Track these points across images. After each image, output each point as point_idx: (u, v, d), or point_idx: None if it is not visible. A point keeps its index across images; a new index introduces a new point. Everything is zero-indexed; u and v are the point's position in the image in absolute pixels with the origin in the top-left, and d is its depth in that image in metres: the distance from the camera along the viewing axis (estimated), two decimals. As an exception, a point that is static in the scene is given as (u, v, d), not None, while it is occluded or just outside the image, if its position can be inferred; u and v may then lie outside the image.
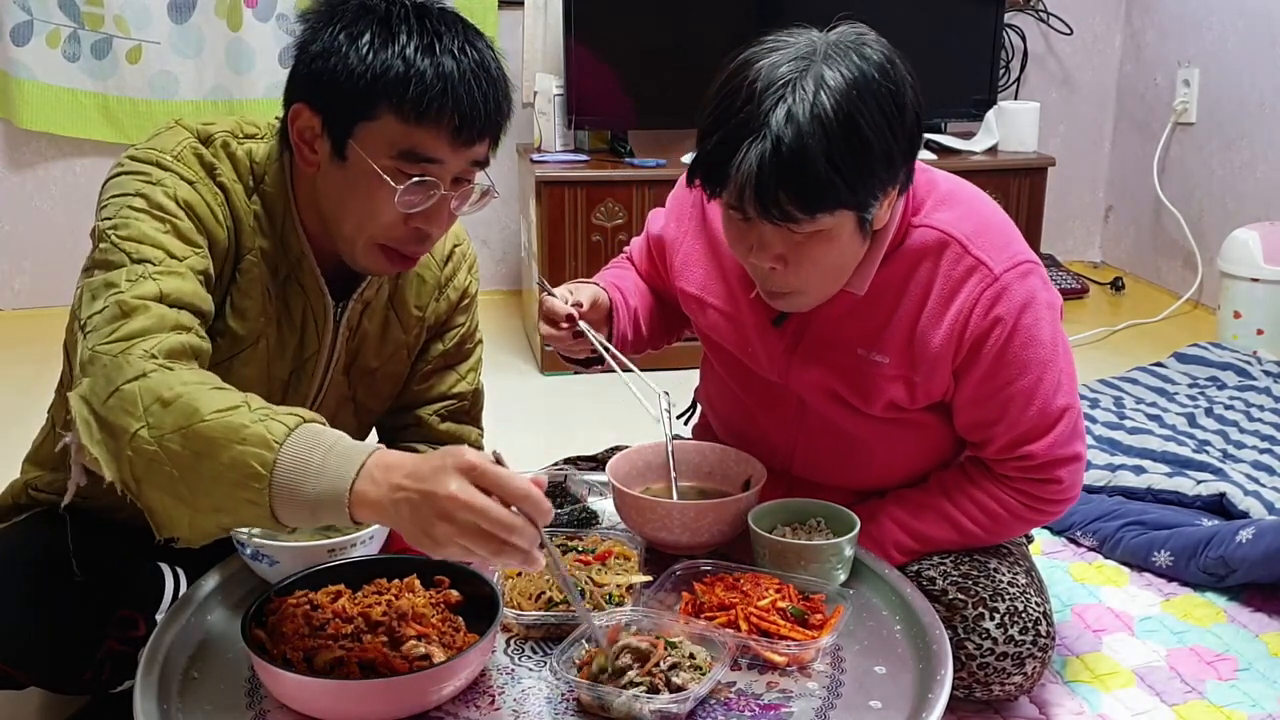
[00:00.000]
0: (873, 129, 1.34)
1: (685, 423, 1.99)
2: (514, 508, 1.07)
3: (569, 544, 1.49)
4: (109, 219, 1.32)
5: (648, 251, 1.78)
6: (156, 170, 1.35)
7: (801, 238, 1.39)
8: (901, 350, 1.54)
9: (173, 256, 1.30)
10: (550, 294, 1.56)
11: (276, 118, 1.45)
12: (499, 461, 1.10)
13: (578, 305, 1.56)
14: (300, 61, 1.36)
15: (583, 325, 1.55)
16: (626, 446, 1.68)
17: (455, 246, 1.66)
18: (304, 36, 1.36)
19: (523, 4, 3.66)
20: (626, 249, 1.86)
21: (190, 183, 1.36)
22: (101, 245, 1.31)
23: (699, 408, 1.94)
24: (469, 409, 1.73)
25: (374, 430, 1.76)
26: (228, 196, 1.39)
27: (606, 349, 1.56)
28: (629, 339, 1.68)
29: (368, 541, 1.40)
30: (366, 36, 1.32)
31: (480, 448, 1.76)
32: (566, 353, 1.64)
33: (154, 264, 1.28)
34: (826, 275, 1.46)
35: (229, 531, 1.19)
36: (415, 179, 1.34)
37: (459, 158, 1.36)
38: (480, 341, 1.75)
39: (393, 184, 1.34)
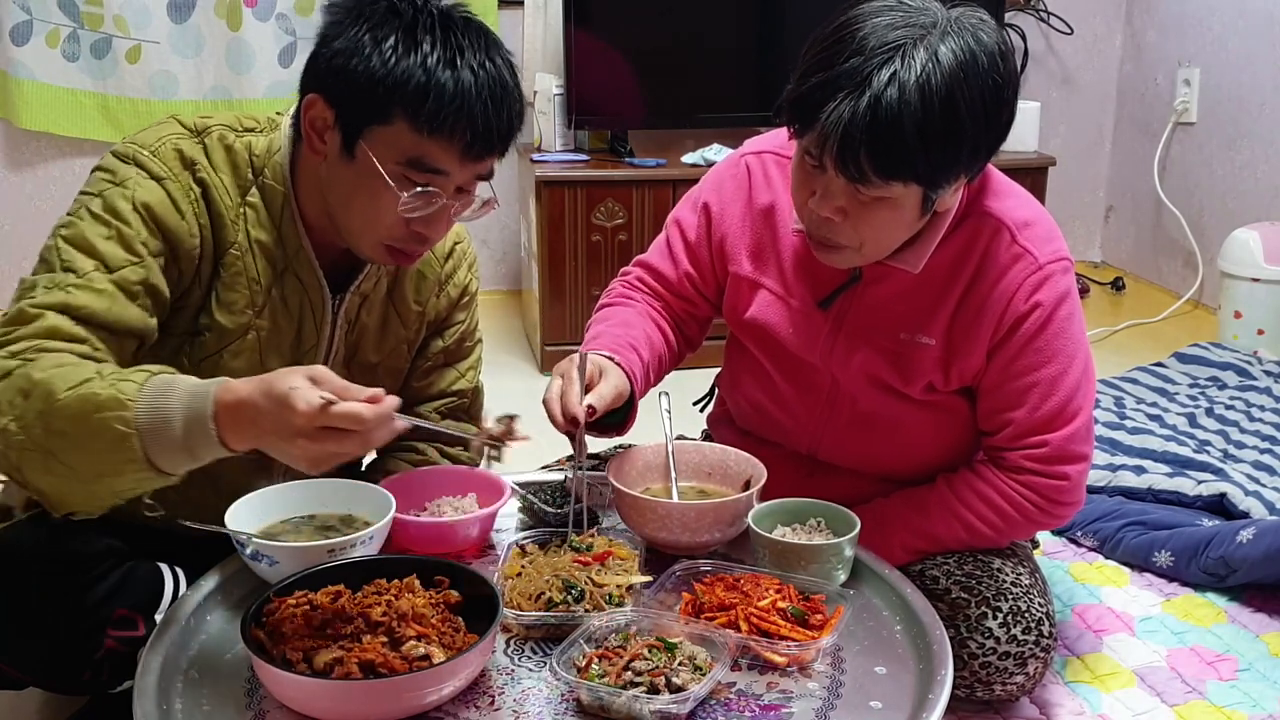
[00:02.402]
0: (970, 115, 1.35)
1: (702, 410, 1.99)
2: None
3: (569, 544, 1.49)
4: (69, 215, 1.36)
5: (684, 244, 1.73)
6: (125, 169, 1.37)
7: (866, 199, 1.41)
8: (944, 330, 1.57)
9: (106, 267, 1.32)
10: (578, 372, 1.45)
11: (277, 113, 1.47)
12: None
13: (591, 410, 1.44)
14: (321, 53, 1.37)
15: (581, 435, 1.46)
16: (627, 446, 1.68)
17: (456, 244, 1.66)
18: (328, 30, 1.36)
19: (523, 4, 3.66)
20: (627, 270, 1.81)
21: (158, 179, 1.37)
22: (49, 241, 1.34)
23: (715, 395, 1.95)
24: (468, 407, 1.73)
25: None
26: (206, 191, 1.40)
27: (578, 477, 1.48)
28: (640, 394, 1.64)
29: (367, 542, 1.40)
30: (390, 41, 1.32)
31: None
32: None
33: (77, 275, 1.31)
34: (879, 239, 1.48)
35: (126, 497, 1.25)
36: (420, 188, 1.35)
37: (466, 171, 1.38)
38: (480, 340, 1.75)
39: (397, 190, 1.35)
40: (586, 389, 1.46)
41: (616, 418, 1.57)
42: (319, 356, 1.53)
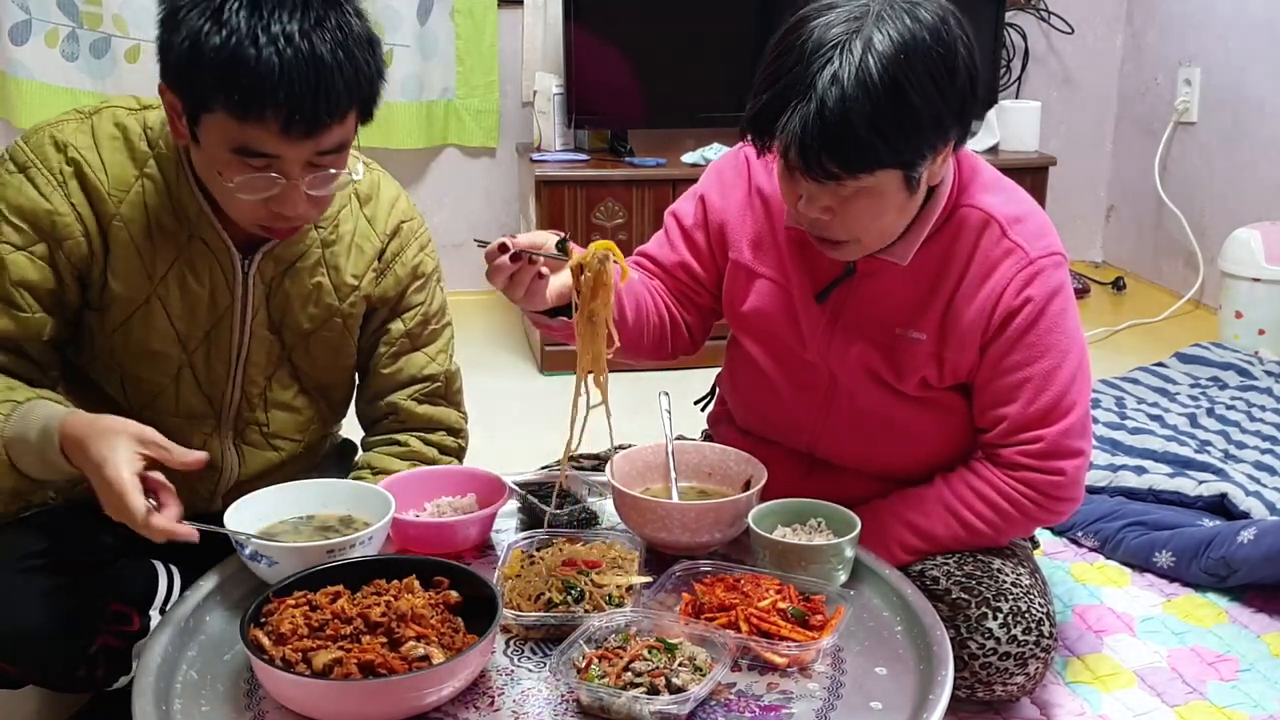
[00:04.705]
0: (919, 93, 1.35)
1: (703, 409, 1.99)
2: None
3: (570, 544, 1.49)
4: None
5: (680, 231, 1.73)
6: (2, 169, 1.43)
7: (848, 193, 1.42)
8: (937, 326, 1.57)
9: None
10: (482, 244, 1.44)
11: None
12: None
13: (510, 236, 1.41)
14: (158, 39, 1.35)
15: (518, 239, 1.38)
16: (627, 446, 1.68)
17: (402, 223, 1.63)
18: (160, 13, 1.34)
19: (523, 3, 3.66)
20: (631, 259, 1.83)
21: (23, 168, 1.42)
22: None
23: (716, 394, 1.95)
24: (444, 391, 1.71)
25: (354, 422, 1.76)
26: (79, 170, 1.43)
27: (543, 253, 1.38)
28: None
29: (367, 542, 1.40)
30: (197, 21, 1.28)
31: (463, 429, 1.75)
32: (528, 305, 1.44)
33: None
34: (873, 228, 1.48)
35: (18, 495, 1.44)
36: (252, 175, 1.34)
37: (299, 149, 1.33)
38: (448, 324, 1.73)
39: (232, 176, 1.34)
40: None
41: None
42: (235, 318, 1.53)
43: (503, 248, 1.35)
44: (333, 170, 1.37)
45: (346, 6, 1.33)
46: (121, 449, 1.26)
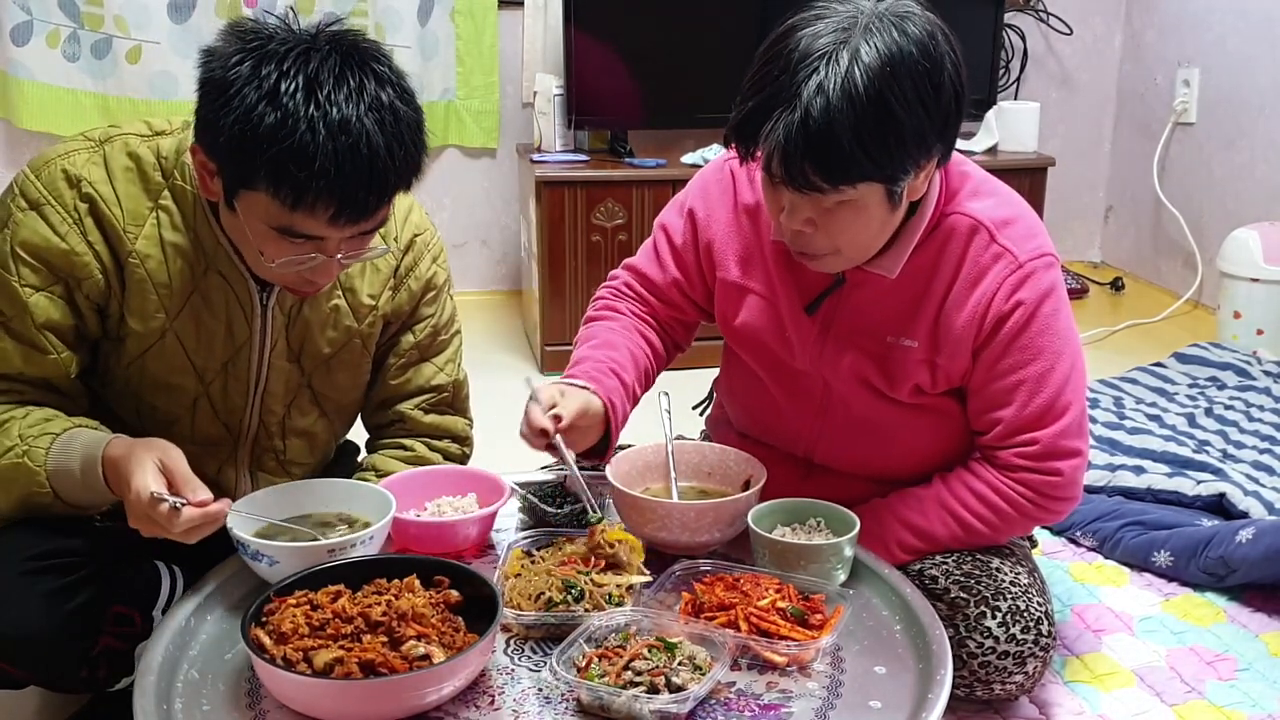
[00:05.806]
0: (904, 108, 1.35)
1: (701, 414, 1.99)
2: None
3: (570, 544, 1.49)
4: None
5: (670, 249, 1.73)
6: (9, 204, 1.41)
7: (830, 205, 1.42)
8: (928, 333, 1.57)
9: (2, 314, 1.40)
10: (535, 399, 1.50)
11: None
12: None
13: (556, 419, 1.48)
14: (198, 104, 1.32)
15: (558, 441, 1.48)
16: (627, 446, 1.68)
17: (416, 236, 1.63)
18: (202, 77, 1.30)
19: (523, 4, 3.66)
20: (615, 275, 1.81)
21: (36, 206, 1.39)
22: None
23: (713, 399, 1.95)
24: (451, 400, 1.72)
25: (361, 430, 1.76)
26: (94, 207, 1.41)
27: (574, 472, 1.48)
28: (628, 416, 1.65)
29: (367, 542, 1.40)
30: (251, 96, 1.24)
31: (468, 437, 1.75)
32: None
33: None
34: (854, 241, 1.48)
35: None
36: (293, 257, 1.34)
37: (343, 231, 1.34)
38: (458, 332, 1.73)
39: (272, 254, 1.34)
40: (552, 409, 1.50)
41: (600, 444, 1.58)
42: (254, 351, 1.52)
43: (549, 446, 1.49)
44: (362, 248, 1.40)
45: (395, 81, 1.32)
46: (149, 467, 1.30)
